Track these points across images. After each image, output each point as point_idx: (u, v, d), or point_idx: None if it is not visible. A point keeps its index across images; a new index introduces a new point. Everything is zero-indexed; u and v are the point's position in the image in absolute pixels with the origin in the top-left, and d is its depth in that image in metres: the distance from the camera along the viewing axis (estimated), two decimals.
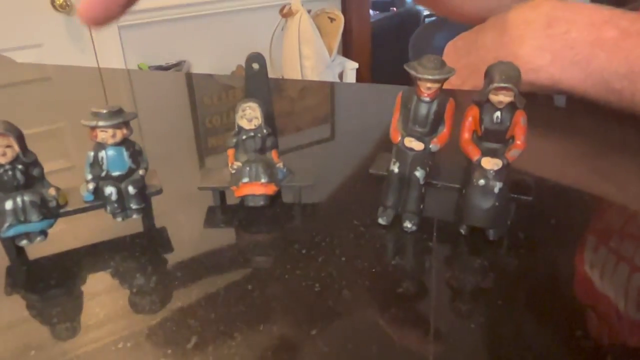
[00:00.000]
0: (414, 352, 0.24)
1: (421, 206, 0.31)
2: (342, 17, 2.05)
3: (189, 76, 0.64)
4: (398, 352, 0.24)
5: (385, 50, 2.24)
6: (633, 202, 0.36)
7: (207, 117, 0.53)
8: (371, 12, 2.31)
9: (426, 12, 2.27)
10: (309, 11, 1.97)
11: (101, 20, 0.30)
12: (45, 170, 0.30)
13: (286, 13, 1.96)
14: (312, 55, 1.97)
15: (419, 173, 0.31)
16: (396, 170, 0.31)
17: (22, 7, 1.78)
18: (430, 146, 0.31)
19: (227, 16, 2.04)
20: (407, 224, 0.31)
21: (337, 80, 2.03)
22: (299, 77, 1.91)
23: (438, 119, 0.31)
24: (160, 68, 1.94)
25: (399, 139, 0.31)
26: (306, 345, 0.24)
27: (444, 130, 0.31)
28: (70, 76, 0.68)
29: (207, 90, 0.62)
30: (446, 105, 0.31)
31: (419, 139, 0.31)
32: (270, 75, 0.36)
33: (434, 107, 0.31)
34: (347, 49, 2.21)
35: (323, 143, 0.46)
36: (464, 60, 0.51)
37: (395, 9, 2.69)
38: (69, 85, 0.64)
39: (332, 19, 2.07)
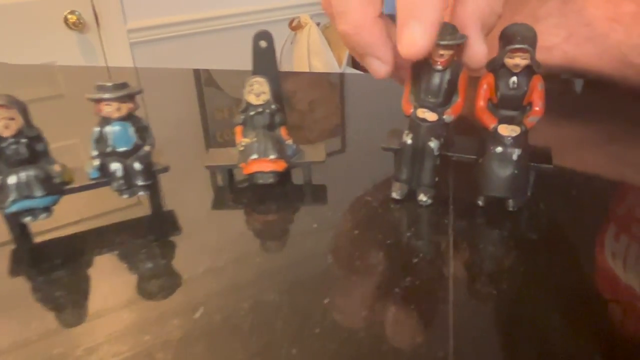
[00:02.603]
0: (431, 321, 0.23)
1: (436, 179, 0.30)
2: None
3: (197, 72, 0.64)
4: (414, 321, 0.22)
5: None
6: None
7: (216, 109, 0.52)
8: None
9: None
10: (318, 24, 1.99)
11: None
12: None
13: (295, 26, 1.98)
14: (321, 67, 1.98)
15: (432, 144, 0.30)
16: (409, 141, 0.30)
17: (36, 25, 1.82)
18: (444, 117, 0.30)
19: (237, 31, 2.07)
20: (422, 197, 0.30)
21: None
22: None
23: (451, 89, 0.30)
24: None
25: (411, 110, 0.30)
26: (317, 313, 0.23)
27: (458, 100, 0.30)
28: (77, 74, 0.68)
29: (215, 85, 0.61)
30: (459, 74, 0.30)
31: (432, 109, 0.30)
32: None
33: (447, 76, 0.30)
34: (356, 61, 2.22)
35: (334, 124, 0.45)
36: None
37: None
38: (76, 83, 0.64)
39: None
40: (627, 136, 0.40)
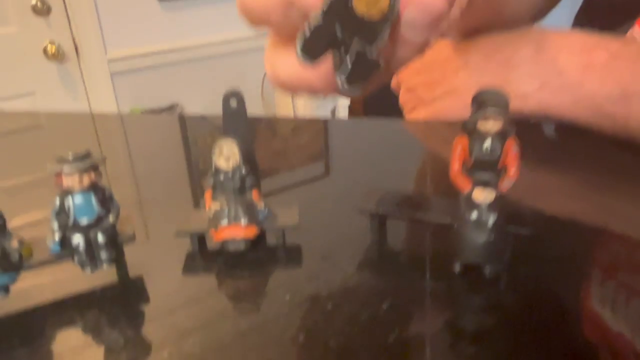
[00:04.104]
0: None
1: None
2: None
3: (182, 119, 0.63)
4: None
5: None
6: (637, 233, 0.34)
7: (201, 159, 0.51)
8: None
9: None
10: None
11: None
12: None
13: None
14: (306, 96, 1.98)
15: None
16: None
17: (15, 56, 1.80)
18: None
19: (218, 59, 2.06)
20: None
21: (329, 115, 2.03)
22: (292, 114, 1.92)
23: None
24: (152, 112, 1.95)
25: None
26: None
27: None
28: (62, 123, 0.67)
29: (201, 133, 0.60)
30: None
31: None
32: (263, 113, 0.34)
33: None
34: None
35: (309, 182, 0.44)
36: (437, 74, 0.49)
37: None
38: (61, 132, 0.63)
39: None
40: (608, 185, 0.39)
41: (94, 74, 1.92)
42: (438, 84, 0.49)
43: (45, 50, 1.84)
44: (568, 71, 0.41)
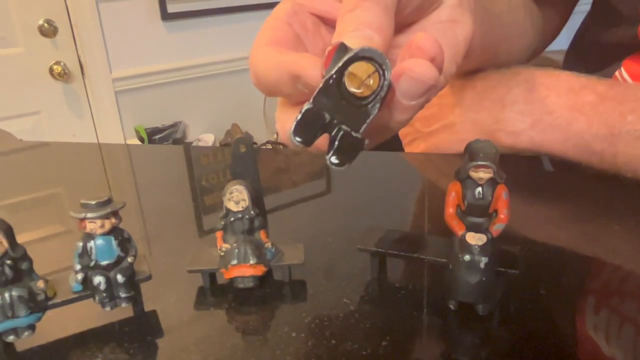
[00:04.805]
0: None
1: None
2: None
3: (187, 148, 0.65)
4: None
5: None
6: (624, 264, 0.36)
7: (205, 191, 0.53)
8: None
9: None
10: None
11: None
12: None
13: None
14: None
15: None
16: None
17: (21, 76, 1.83)
18: None
19: (221, 77, 2.10)
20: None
21: None
22: None
23: None
24: (156, 130, 1.98)
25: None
26: None
27: None
28: (71, 152, 0.69)
29: (206, 165, 0.63)
30: None
31: None
32: (265, 134, 0.36)
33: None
34: None
35: (312, 215, 0.46)
36: (434, 109, 0.51)
37: None
38: (69, 160, 0.65)
39: None
40: (596, 218, 0.41)
41: (99, 93, 1.95)
42: (435, 119, 0.51)
43: (51, 70, 1.88)
44: (557, 111, 0.43)
